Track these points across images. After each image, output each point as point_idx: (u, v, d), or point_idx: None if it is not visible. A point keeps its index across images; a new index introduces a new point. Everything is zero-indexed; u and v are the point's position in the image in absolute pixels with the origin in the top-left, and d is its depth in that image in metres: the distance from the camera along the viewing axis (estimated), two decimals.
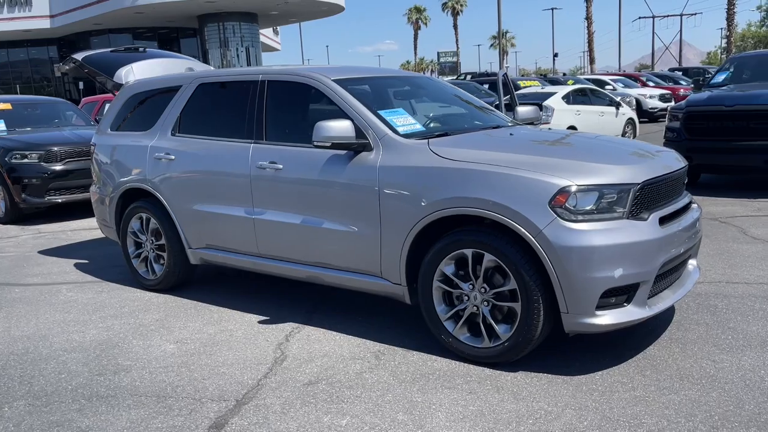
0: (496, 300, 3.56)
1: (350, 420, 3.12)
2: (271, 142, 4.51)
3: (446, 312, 3.74)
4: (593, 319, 3.34)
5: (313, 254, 4.31)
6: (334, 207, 4.12)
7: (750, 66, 10.21)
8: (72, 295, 5.44)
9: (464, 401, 3.24)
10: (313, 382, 3.55)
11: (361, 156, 4.00)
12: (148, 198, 5.32)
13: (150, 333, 4.44)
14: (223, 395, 3.45)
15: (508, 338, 3.51)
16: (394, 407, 3.22)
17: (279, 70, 4.70)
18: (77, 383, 3.69)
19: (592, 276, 3.28)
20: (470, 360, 3.67)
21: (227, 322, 4.56)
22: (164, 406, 3.35)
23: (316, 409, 3.25)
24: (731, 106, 8.46)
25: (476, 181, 3.51)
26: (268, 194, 4.44)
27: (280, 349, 4.03)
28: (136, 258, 5.51)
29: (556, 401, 3.19)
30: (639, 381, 3.36)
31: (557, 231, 3.29)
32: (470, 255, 3.58)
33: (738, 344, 3.76)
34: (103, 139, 5.75)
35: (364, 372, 3.65)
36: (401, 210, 3.79)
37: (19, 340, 4.41)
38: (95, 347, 4.23)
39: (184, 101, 5.11)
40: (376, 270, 4.03)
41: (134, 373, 3.79)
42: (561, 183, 3.34)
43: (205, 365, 3.85)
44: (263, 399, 3.38)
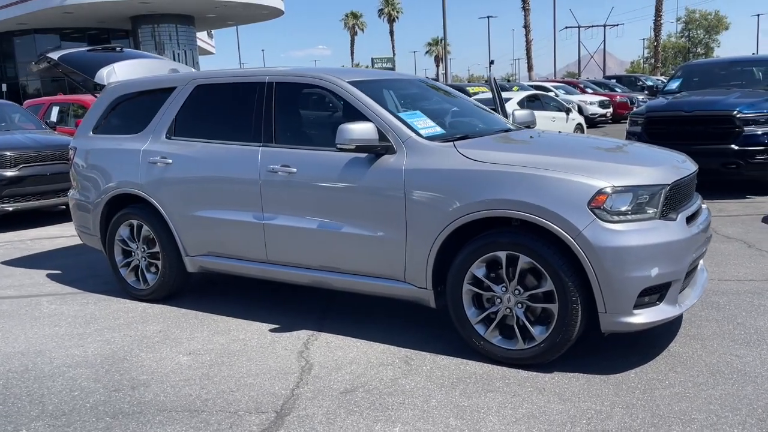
0: (531, 301, 3.57)
1: (402, 428, 3.06)
2: (281, 145, 4.39)
3: (477, 315, 3.73)
4: (631, 318, 3.40)
5: (330, 259, 4.22)
6: (354, 211, 4.04)
7: (698, 73, 10.70)
8: (55, 307, 5.14)
9: (511, 404, 3.24)
10: (349, 390, 3.46)
11: (383, 159, 3.94)
12: (139, 204, 5.09)
13: (156, 345, 4.24)
14: (260, 407, 3.32)
15: (544, 339, 3.53)
16: (443, 412, 3.18)
17: (287, 71, 4.59)
18: (95, 400, 3.48)
19: (630, 275, 3.34)
20: (503, 362, 3.67)
21: (236, 332, 4.40)
22: (200, 421, 3.20)
23: (363, 417, 3.17)
24: (690, 112, 8.83)
25: (512, 184, 3.51)
26: (280, 198, 4.32)
27: (303, 358, 3.92)
28: (125, 267, 5.26)
29: (601, 400, 3.23)
30: (674, 378, 3.44)
31: (596, 232, 3.34)
32: (504, 257, 3.58)
33: (752, 339, 3.91)
34: (84, 142, 5.46)
35: (398, 378, 3.59)
36: (430, 213, 3.76)
37: (14, 357, 4.13)
38: (101, 362, 4.00)
39: (179, 103, 4.92)
40: (399, 274, 3.98)
41: (154, 388, 3.60)
42: (599, 184, 3.39)
43: (229, 377, 3.70)
44: (304, 410, 3.27)
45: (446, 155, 3.81)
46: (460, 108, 4.97)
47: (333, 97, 4.35)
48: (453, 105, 4.99)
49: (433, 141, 3.96)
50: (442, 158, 3.80)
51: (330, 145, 4.18)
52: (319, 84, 4.37)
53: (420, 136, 3.96)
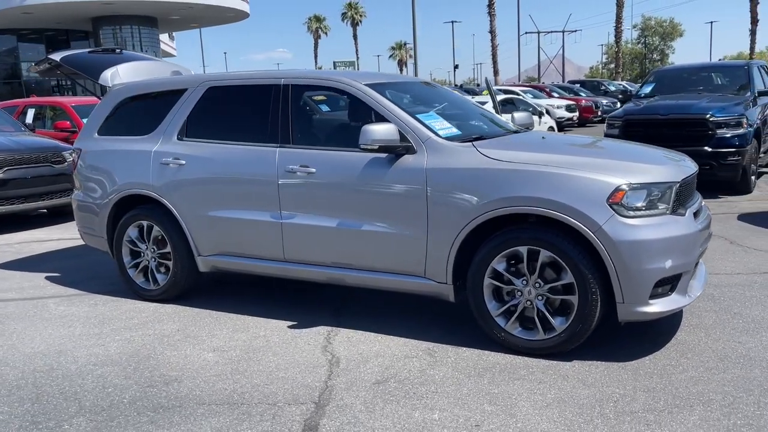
0: (550, 294, 3.76)
1: (441, 414, 3.20)
2: (299, 145, 4.50)
3: (498, 308, 3.90)
4: (646, 308, 3.61)
5: (348, 257, 4.34)
6: (375, 209, 4.17)
7: (670, 78, 11.14)
8: (64, 309, 5.14)
9: (539, 390, 3.41)
10: (381, 381, 3.59)
11: (404, 159, 4.09)
12: (149, 205, 5.13)
13: (178, 343, 4.29)
14: (297, 398, 3.43)
15: (564, 329, 3.72)
16: (477, 399, 3.34)
17: (304, 74, 4.71)
18: (131, 396, 3.54)
19: (647, 267, 3.55)
20: (524, 353, 3.84)
21: (255, 329, 4.49)
22: (242, 413, 3.29)
23: (401, 405, 3.31)
24: (666, 115, 9.21)
25: (535, 182, 3.70)
26: (299, 198, 4.43)
27: (328, 352, 4.03)
28: (133, 268, 5.28)
29: (623, 385, 3.43)
30: (686, 363, 3.66)
31: (615, 226, 3.54)
32: (525, 252, 3.76)
33: (751, 327, 4.16)
34: (90, 144, 5.47)
35: (426, 369, 3.73)
36: (452, 210, 3.91)
37: (36, 357, 4.15)
38: (127, 360, 4.05)
39: (191, 105, 4.98)
40: (419, 270, 4.13)
41: (187, 383, 3.68)
42: (617, 182, 3.60)
43: (259, 371, 3.80)
44: (341, 400, 3.39)
45: (467, 155, 3.97)
46: (464, 110, 5.15)
47: (351, 99, 4.47)
48: (457, 106, 5.16)
49: (451, 141, 4.12)
50: (464, 158, 3.96)
51: (348, 145, 4.32)
52: (337, 86, 4.49)
53: (439, 137, 4.12)
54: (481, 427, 3.06)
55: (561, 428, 3.02)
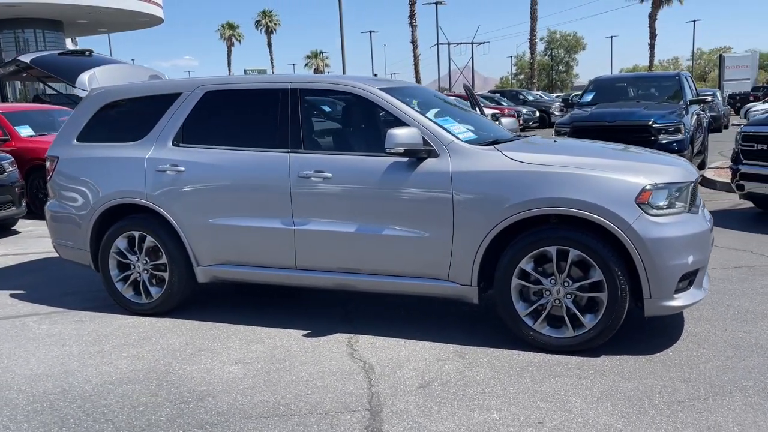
0: (579, 292, 3.87)
1: (499, 414, 3.23)
2: (311, 151, 4.43)
3: (526, 308, 3.98)
4: (672, 302, 3.78)
5: (367, 262, 4.30)
6: (396, 213, 4.16)
7: (608, 88, 11.71)
8: (47, 327, 4.81)
9: (584, 385, 3.50)
10: (424, 385, 3.58)
11: (427, 162, 4.10)
12: (141, 214, 4.89)
13: (193, 357, 4.12)
14: (347, 406, 3.37)
15: (594, 326, 3.84)
16: (527, 397, 3.39)
17: (314, 78, 4.64)
18: (168, 414, 3.36)
19: (673, 263, 3.72)
20: (553, 351, 3.93)
21: (270, 339, 4.36)
22: (296, 424, 3.20)
23: (456, 407, 3.31)
24: (612, 122, 9.67)
25: (565, 183, 3.80)
26: (314, 204, 4.35)
27: (358, 359, 3.98)
28: (121, 282, 5.01)
29: (660, 377, 3.57)
30: (706, 354, 3.86)
31: (643, 225, 3.70)
32: (555, 251, 3.86)
33: (747, 317, 4.44)
34: (68, 151, 5.16)
35: (463, 371, 3.75)
36: (480, 213, 3.96)
37: (40, 379, 3.86)
38: (145, 377, 3.84)
39: (187, 110, 4.80)
40: (442, 273, 4.15)
41: (223, 397, 3.53)
42: (643, 182, 3.76)
43: (294, 381, 3.70)
44: (393, 405, 3.36)
45: (492, 158, 4.03)
46: (464, 115, 5.21)
47: (365, 104, 4.44)
48: (458, 112, 5.21)
49: (472, 145, 4.17)
50: (490, 161, 4.02)
51: (363, 150, 4.30)
52: (351, 91, 4.45)
53: (460, 141, 4.17)
54: (544, 424, 3.11)
55: (621, 421, 3.11)
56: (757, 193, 7.61)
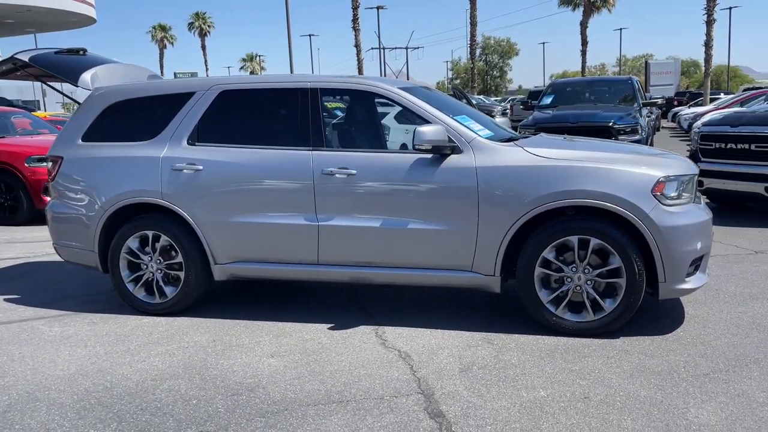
0: (598, 278, 4.13)
1: (545, 392, 3.44)
2: (334, 148, 4.55)
3: (548, 295, 4.21)
4: (684, 285, 4.10)
5: (392, 255, 4.44)
6: (422, 207, 4.33)
7: (565, 91, 12.22)
8: (60, 329, 4.74)
9: (614, 364, 3.76)
10: (466, 369, 3.76)
11: (451, 158, 4.29)
12: (154, 213, 4.88)
13: (226, 353, 4.16)
14: (399, 391, 3.51)
15: (613, 310, 4.11)
16: (566, 377, 3.61)
17: (332, 78, 4.75)
18: (225, 406, 3.42)
19: (685, 249, 4.04)
20: (574, 334, 4.18)
21: (298, 333, 4.45)
22: (356, 408, 3.32)
23: (504, 387, 3.50)
24: (575, 123, 10.12)
25: (587, 176, 4.06)
26: (338, 200, 4.46)
27: (392, 348, 4.12)
28: (132, 282, 4.98)
29: (679, 354, 3.87)
30: (713, 333, 4.19)
31: (659, 214, 3.99)
32: (576, 241, 4.11)
33: (737, 300, 4.82)
34: (74, 151, 5.09)
35: (497, 355, 3.95)
36: (504, 206, 4.18)
37: (77, 378, 3.83)
38: (184, 372, 3.87)
39: (201, 109, 4.82)
40: (466, 264, 4.34)
41: (273, 388, 3.61)
42: (658, 174, 4.06)
43: (338, 370, 3.81)
44: (443, 388, 3.52)
45: (515, 153, 4.26)
46: (474, 114, 5.38)
47: (386, 103, 4.59)
48: (470, 111, 5.39)
49: (492, 141, 4.39)
50: (512, 156, 4.24)
51: (385, 147, 4.44)
52: (372, 91, 4.59)
53: (481, 137, 4.37)
54: (591, 399, 3.34)
55: (659, 393, 3.37)
56: (715, 188, 8.15)
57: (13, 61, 5.26)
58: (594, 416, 3.15)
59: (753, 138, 7.67)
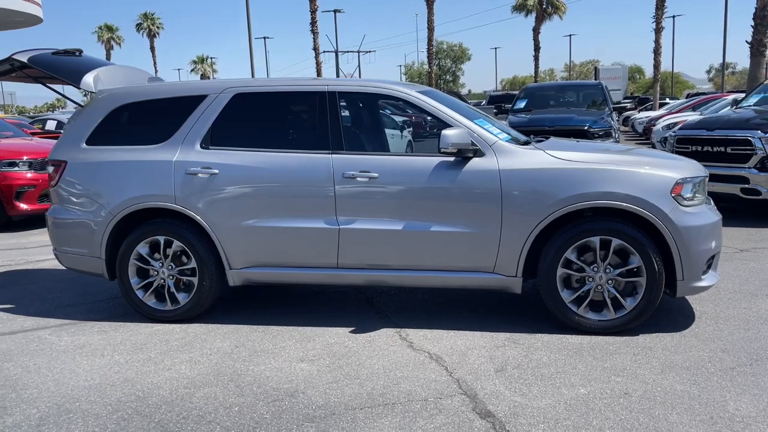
0: (619, 277, 4.25)
1: (585, 389, 3.52)
2: (354, 151, 4.55)
3: (570, 295, 4.31)
4: (700, 283, 4.25)
5: (414, 258, 4.47)
6: (445, 210, 4.36)
7: (538, 95, 12.47)
8: (69, 339, 4.60)
9: (642, 360, 3.87)
10: (501, 369, 3.81)
11: (474, 161, 4.34)
12: (166, 218, 4.79)
13: (254, 358, 4.11)
14: (441, 392, 3.54)
15: (633, 308, 4.23)
16: (600, 373, 3.70)
17: (350, 81, 4.75)
18: (270, 411, 3.38)
19: (702, 248, 4.19)
20: (596, 332, 4.28)
21: (320, 338, 4.43)
22: (404, 410, 3.33)
23: (544, 386, 3.56)
24: (552, 126, 10.33)
25: (609, 179, 4.16)
26: (360, 203, 4.46)
27: (421, 350, 4.14)
28: (142, 289, 4.86)
29: (701, 349, 4.00)
30: (727, 329, 4.35)
31: (678, 214, 4.13)
32: (598, 241, 4.21)
33: (738, 297, 5.02)
34: (78, 155, 4.94)
35: (527, 355, 4.02)
36: (527, 207, 4.25)
37: (105, 389, 3.73)
38: (216, 379, 3.81)
39: (215, 112, 4.76)
40: (488, 266, 4.40)
41: (312, 392, 3.59)
42: (675, 176, 4.20)
43: (374, 374, 3.81)
44: (484, 388, 3.56)
45: (537, 156, 4.34)
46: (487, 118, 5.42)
47: (408, 106, 4.61)
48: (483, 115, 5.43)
49: (513, 144, 4.46)
50: (535, 159, 4.32)
51: (405, 150, 4.46)
52: (391, 94, 4.62)
53: (501, 141, 4.44)
54: (631, 394, 3.44)
55: (694, 387, 3.49)
56: None
57: (10, 62, 5.06)
58: (639, 411, 3.24)
59: (729, 141, 7.99)
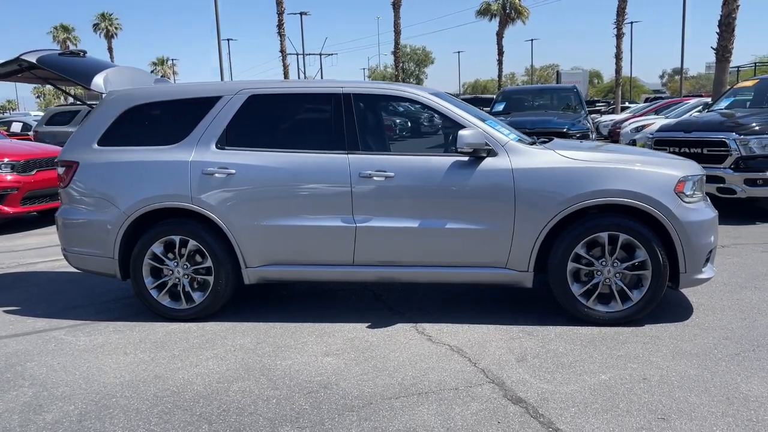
0: (625, 271, 4.47)
1: (606, 375, 3.71)
2: (370, 152, 4.68)
3: (580, 288, 4.51)
4: (700, 275, 4.50)
5: (429, 255, 4.62)
6: (460, 208, 4.53)
7: (515, 98, 12.77)
8: (86, 339, 4.62)
9: (652, 348, 4.09)
10: (522, 359, 3.99)
11: (488, 161, 4.52)
12: (181, 218, 4.84)
13: (280, 353, 4.21)
14: (470, 381, 3.69)
15: (640, 299, 4.46)
16: (616, 361, 3.90)
17: (366, 84, 4.89)
18: (307, 403, 3.49)
19: (703, 242, 4.44)
20: (604, 324, 4.49)
21: (339, 333, 4.54)
22: (438, 398, 3.48)
23: (566, 373, 3.75)
24: (532, 128, 10.59)
25: (618, 177, 4.38)
26: (376, 201, 4.59)
27: (440, 343, 4.29)
28: (156, 289, 4.91)
29: (705, 338, 4.25)
30: (726, 318, 4.61)
31: (682, 210, 4.38)
32: (606, 237, 4.43)
33: (729, 289, 5.29)
34: (90, 155, 4.95)
35: (544, 345, 4.20)
36: (540, 205, 4.44)
37: (138, 385, 3.78)
38: (247, 374, 3.90)
39: (230, 113, 4.83)
40: (500, 262, 4.58)
41: (344, 384, 3.70)
42: (678, 174, 4.45)
43: (400, 366, 3.94)
44: (510, 377, 3.73)
45: (548, 156, 4.53)
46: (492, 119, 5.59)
47: (421, 108, 4.77)
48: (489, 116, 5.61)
49: (523, 144, 4.66)
50: (546, 158, 4.51)
51: (419, 150, 4.62)
52: (405, 96, 4.77)
53: (512, 141, 4.63)
54: (649, 379, 3.64)
55: (706, 372, 3.71)
56: None
57: (18, 63, 5.06)
58: (660, 395, 3.45)
59: (705, 143, 8.35)
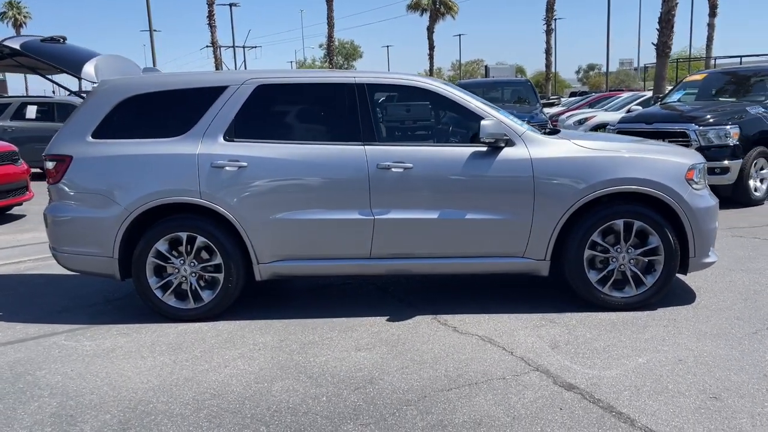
0: (641, 256, 4.59)
1: (643, 358, 3.80)
2: (387, 143, 4.61)
3: (596, 275, 4.61)
4: (708, 259, 4.68)
5: (448, 246, 4.60)
6: (479, 198, 4.53)
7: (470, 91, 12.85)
8: (92, 344, 4.36)
9: (674, 331, 4.22)
10: (554, 347, 4.03)
11: (506, 151, 4.54)
12: (187, 213, 4.64)
13: (308, 350, 4.10)
14: (513, 370, 3.70)
15: (653, 284, 4.59)
16: (645, 344, 4.01)
17: (380, 74, 4.81)
18: (360, 399, 3.41)
19: (711, 228, 4.63)
20: (620, 308, 4.60)
21: (362, 328, 4.46)
22: (491, 388, 3.47)
23: (604, 359, 3.81)
24: None
25: (632, 165, 4.49)
26: (395, 193, 4.53)
27: (469, 333, 4.29)
28: (160, 289, 4.68)
29: (717, 319, 4.42)
30: (730, 299, 4.81)
31: (692, 197, 4.54)
32: (622, 224, 4.54)
33: (723, 272, 5.51)
34: (84, 149, 4.66)
35: (570, 332, 4.26)
36: (558, 194, 4.50)
37: (172, 389, 3.60)
38: (283, 372, 3.77)
39: (238, 104, 4.65)
40: (518, 251, 4.62)
41: (389, 378, 3.64)
42: (688, 162, 4.60)
43: (436, 358, 3.91)
44: (552, 364, 3.76)
45: (564, 145, 4.59)
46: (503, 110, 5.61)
47: (435, 98, 4.74)
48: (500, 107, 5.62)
49: (539, 134, 4.71)
50: (563, 148, 4.58)
51: (437, 140, 4.62)
52: (421, 87, 4.72)
53: (529, 131, 4.67)
54: (684, 361, 3.76)
55: (732, 351, 3.87)
56: None
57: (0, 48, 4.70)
58: (702, 375, 3.56)
59: (667, 133, 8.70)
